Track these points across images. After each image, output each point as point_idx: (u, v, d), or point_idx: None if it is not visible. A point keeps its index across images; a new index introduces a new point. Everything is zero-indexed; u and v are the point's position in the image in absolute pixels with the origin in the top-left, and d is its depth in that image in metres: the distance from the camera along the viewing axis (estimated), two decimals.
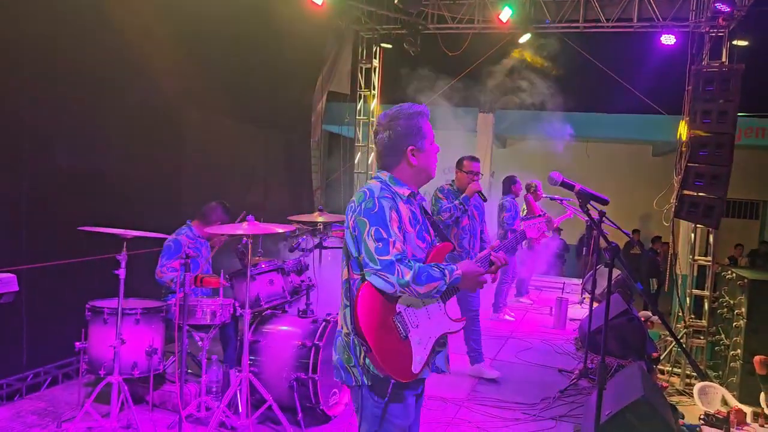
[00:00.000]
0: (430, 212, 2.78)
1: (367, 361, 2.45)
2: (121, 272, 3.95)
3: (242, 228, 4.28)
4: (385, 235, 2.40)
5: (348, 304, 2.52)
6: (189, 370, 4.76)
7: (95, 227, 4.01)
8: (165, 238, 4.85)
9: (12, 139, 4.72)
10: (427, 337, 2.52)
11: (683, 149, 6.53)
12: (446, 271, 2.46)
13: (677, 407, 4.99)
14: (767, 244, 14.70)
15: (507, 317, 8.40)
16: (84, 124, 5.31)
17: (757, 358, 4.81)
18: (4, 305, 3.13)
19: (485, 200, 5.79)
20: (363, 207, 2.46)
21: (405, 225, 2.51)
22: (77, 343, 4.20)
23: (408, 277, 2.35)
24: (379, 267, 2.37)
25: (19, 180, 4.79)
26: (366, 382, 2.48)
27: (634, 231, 13.69)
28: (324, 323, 4.59)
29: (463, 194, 5.55)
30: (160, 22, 5.86)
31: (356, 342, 2.48)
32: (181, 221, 5.16)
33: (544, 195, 8.77)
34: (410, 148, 2.57)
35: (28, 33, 4.74)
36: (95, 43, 5.29)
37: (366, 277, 2.42)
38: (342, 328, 2.58)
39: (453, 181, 5.76)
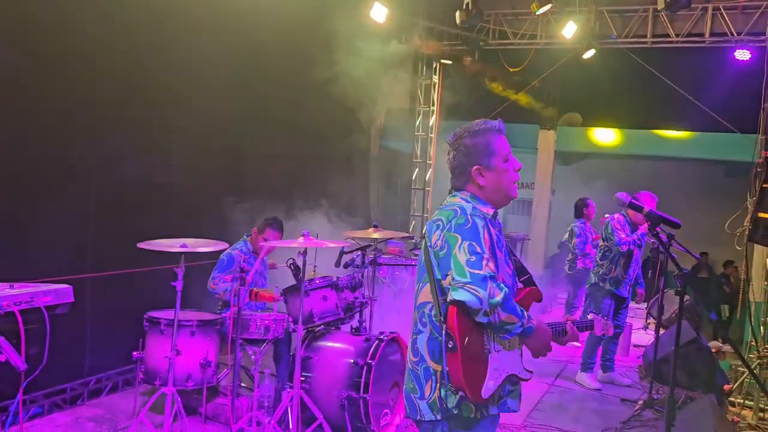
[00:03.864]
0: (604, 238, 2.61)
1: (442, 392, 2.30)
2: (179, 284, 3.99)
3: (296, 243, 4.27)
4: (479, 250, 2.22)
5: (422, 330, 2.38)
6: (242, 384, 4.77)
7: (152, 241, 4.06)
8: (222, 251, 4.90)
9: (79, 152, 4.88)
10: (503, 368, 2.35)
11: (758, 169, 6.20)
12: (526, 315, 2.29)
13: None
14: None
15: (573, 343, 8.09)
16: (149, 137, 5.45)
17: None
18: (65, 315, 3.21)
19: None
20: (454, 223, 2.30)
21: (495, 248, 2.36)
22: (135, 353, 4.27)
23: (499, 297, 2.15)
24: (469, 280, 2.16)
25: (85, 192, 4.94)
26: (436, 416, 2.32)
27: (703, 253, 13.08)
28: (377, 342, 4.52)
29: (640, 230, 5.93)
30: (224, 39, 5.99)
31: (430, 371, 2.34)
32: (239, 235, 5.22)
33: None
34: (475, 168, 2.41)
35: (97, 46, 4.90)
36: (161, 57, 5.43)
37: (451, 292, 2.21)
38: (410, 356, 2.44)
39: (626, 212, 6.07)
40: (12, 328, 2.76)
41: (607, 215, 6.35)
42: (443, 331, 2.29)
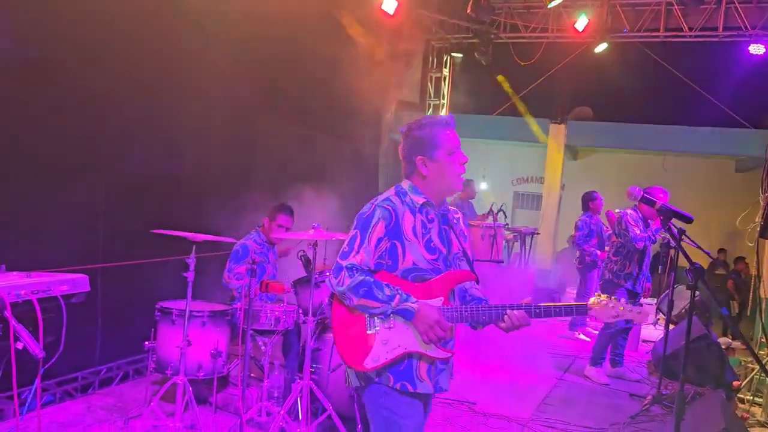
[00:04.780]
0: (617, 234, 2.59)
1: None
2: (190, 275, 4.01)
3: (308, 234, 4.29)
4: (356, 242, 2.46)
5: None
6: (252, 375, 4.80)
7: (166, 230, 4.10)
8: (233, 243, 4.93)
9: (89, 145, 4.90)
10: (397, 344, 2.45)
11: None
12: (397, 297, 2.40)
13: None
14: None
15: (581, 337, 8.09)
16: (159, 130, 5.47)
17: None
18: (78, 304, 3.25)
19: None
20: (362, 210, 2.54)
21: (407, 234, 2.49)
22: (146, 343, 4.31)
23: (344, 286, 2.41)
24: (333, 267, 2.48)
25: (96, 184, 4.97)
26: (361, 383, 2.51)
27: (720, 250, 12.98)
28: None
29: (654, 225, 5.94)
30: (235, 28, 5.99)
31: None
32: (250, 227, 5.25)
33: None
34: (419, 158, 2.55)
35: (105, 39, 4.90)
36: (171, 49, 5.44)
37: None
38: None
39: (637, 207, 6.04)
40: (28, 316, 2.79)
41: (617, 210, 6.32)
42: None
